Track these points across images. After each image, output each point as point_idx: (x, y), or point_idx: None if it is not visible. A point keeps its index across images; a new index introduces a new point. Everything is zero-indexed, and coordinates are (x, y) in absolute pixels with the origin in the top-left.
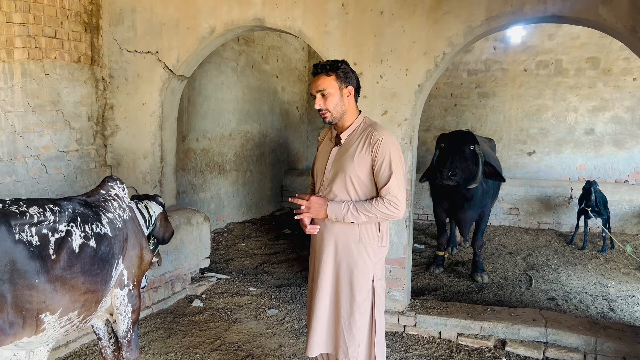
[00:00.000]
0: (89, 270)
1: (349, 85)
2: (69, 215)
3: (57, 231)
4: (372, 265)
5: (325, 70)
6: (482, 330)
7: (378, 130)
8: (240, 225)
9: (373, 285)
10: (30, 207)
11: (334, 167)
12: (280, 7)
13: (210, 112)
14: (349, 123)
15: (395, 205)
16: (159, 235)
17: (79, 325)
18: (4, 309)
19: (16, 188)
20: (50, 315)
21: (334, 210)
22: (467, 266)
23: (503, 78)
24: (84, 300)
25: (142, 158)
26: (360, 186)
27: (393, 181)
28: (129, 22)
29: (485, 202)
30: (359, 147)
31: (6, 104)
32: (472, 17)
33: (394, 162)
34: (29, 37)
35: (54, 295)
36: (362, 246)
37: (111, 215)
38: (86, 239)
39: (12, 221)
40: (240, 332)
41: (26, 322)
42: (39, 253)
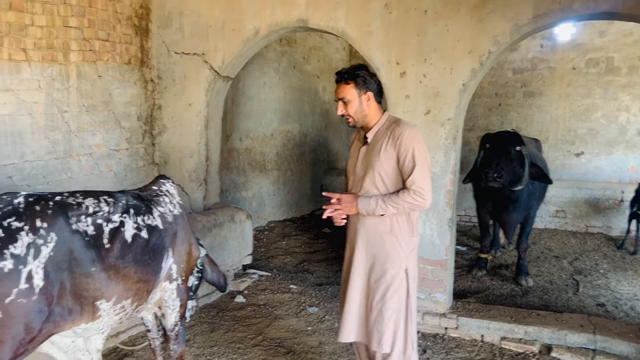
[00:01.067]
0: (140, 260)
1: (368, 91)
2: (122, 206)
3: (111, 221)
4: (404, 256)
5: (344, 79)
6: (527, 334)
7: (400, 126)
8: (281, 223)
9: (406, 275)
10: (86, 198)
11: (363, 165)
12: (324, 8)
13: (253, 112)
14: (373, 123)
15: (421, 195)
16: (214, 280)
17: (132, 314)
18: (64, 296)
19: (70, 184)
20: (105, 303)
21: (364, 205)
22: (510, 269)
23: (550, 77)
24: (136, 289)
25: (188, 157)
26: (388, 180)
27: (417, 172)
28: (176, 25)
29: (531, 204)
30: (384, 143)
31: (62, 104)
32: (519, 15)
33: (417, 154)
34: (83, 40)
35: (109, 283)
36: (393, 237)
37: (162, 209)
38: (138, 229)
39: (69, 212)
40: (281, 329)
41: (84, 309)
42: (94, 242)
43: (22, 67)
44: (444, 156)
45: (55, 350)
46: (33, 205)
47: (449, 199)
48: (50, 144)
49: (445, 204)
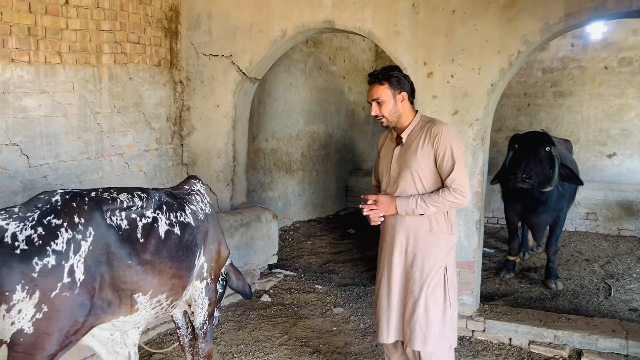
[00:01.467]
0: (174, 256)
1: (402, 91)
2: (155, 202)
3: (145, 217)
4: (444, 255)
5: (378, 79)
6: (556, 338)
7: (437, 125)
8: (306, 223)
9: (445, 273)
10: (120, 193)
11: (397, 165)
12: (350, 9)
13: (279, 113)
14: (407, 123)
15: (461, 193)
16: (239, 288)
17: (167, 309)
18: (104, 289)
19: (102, 184)
20: (142, 296)
21: (403, 206)
22: (539, 272)
23: (581, 76)
24: (171, 284)
25: (216, 157)
26: (425, 179)
27: (457, 170)
28: (205, 27)
29: (561, 206)
30: (420, 143)
31: (95, 106)
32: (549, 14)
33: (455, 152)
34: (115, 43)
35: (145, 277)
36: (433, 236)
37: (194, 208)
38: (171, 226)
39: (104, 207)
40: (307, 329)
41: (122, 302)
42: (128, 236)
43: (57, 70)
44: (472, 157)
45: (95, 342)
46: (70, 202)
47: (477, 200)
48: (83, 144)
49: (473, 206)
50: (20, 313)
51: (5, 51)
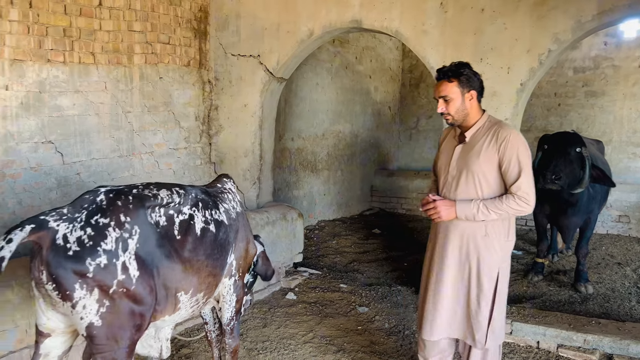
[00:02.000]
0: (210, 254)
1: (471, 90)
2: (192, 199)
3: (182, 213)
4: (498, 259)
5: (447, 76)
6: (586, 343)
7: (505, 129)
8: (331, 223)
9: (497, 277)
10: (160, 189)
11: (458, 164)
12: (378, 8)
13: (305, 113)
14: (472, 122)
15: (526, 201)
16: (262, 272)
17: (201, 307)
18: (156, 286)
19: (132, 182)
20: (184, 295)
21: (464, 211)
22: (569, 275)
23: (614, 76)
24: (208, 283)
25: (243, 156)
26: (485, 183)
27: (523, 178)
28: (233, 28)
29: (592, 208)
30: (484, 145)
31: (126, 105)
32: (582, 11)
33: (522, 159)
34: (146, 44)
35: (186, 276)
36: (488, 240)
37: (227, 206)
38: (206, 223)
39: (147, 204)
40: (332, 327)
41: (168, 300)
42: (166, 233)
43: (91, 70)
44: None
45: None
46: (115, 201)
47: None
48: (115, 142)
49: None
50: (86, 309)
51: (42, 52)
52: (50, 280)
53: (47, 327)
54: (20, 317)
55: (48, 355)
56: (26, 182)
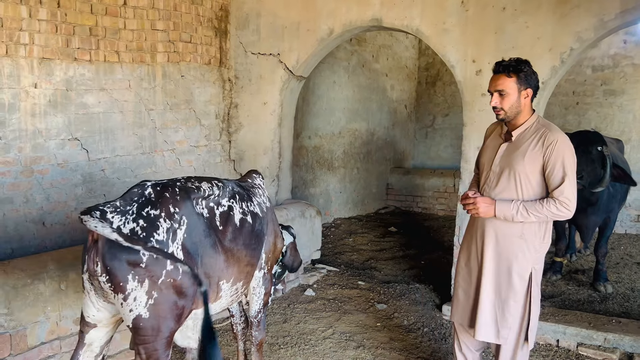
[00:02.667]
0: (248, 243)
1: (528, 88)
2: (229, 192)
3: (221, 205)
4: (532, 260)
5: (507, 71)
6: (606, 341)
7: (553, 132)
8: (347, 220)
9: (530, 278)
10: (201, 182)
11: (501, 162)
12: (398, 7)
13: (322, 111)
14: (522, 121)
15: (567, 207)
16: (289, 263)
17: (239, 296)
18: (199, 275)
19: (155, 178)
20: (225, 283)
21: (503, 211)
22: (587, 274)
23: (634, 74)
24: (246, 272)
25: (262, 154)
26: (526, 184)
27: (567, 183)
28: (253, 26)
29: (612, 207)
30: (530, 146)
31: (149, 103)
32: (605, 10)
33: (567, 165)
34: (169, 42)
35: (228, 265)
36: (523, 242)
37: (259, 200)
38: (244, 214)
39: (192, 195)
40: (351, 323)
41: (211, 288)
42: (210, 224)
43: (115, 68)
44: None
45: None
46: (163, 193)
47: None
48: (138, 139)
49: None
50: (136, 301)
51: (69, 50)
52: (105, 272)
53: (95, 319)
54: (51, 310)
55: (91, 345)
56: (53, 178)
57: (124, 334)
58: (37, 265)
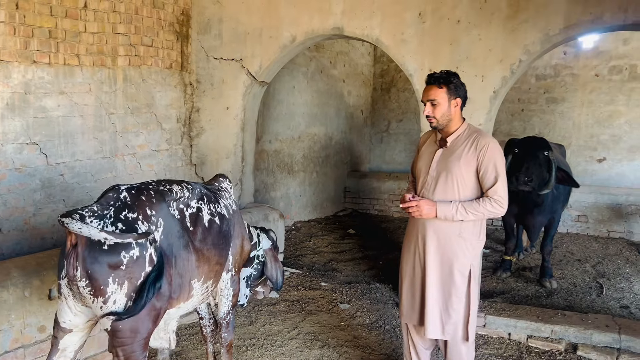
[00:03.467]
0: (217, 243)
1: (457, 97)
2: (198, 193)
3: (190, 207)
4: (470, 257)
5: (439, 82)
6: (553, 333)
7: (484, 137)
8: (307, 223)
9: (469, 274)
10: (172, 185)
11: (438, 167)
12: (359, 17)
13: (283, 115)
14: (454, 129)
15: (501, 204)
16: (272, 276)
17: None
18: (174, 274)
19: (115, 182)
20: (197, 282)
21: (444, 211)
22: (534, 271)
23: (573, 83)
24: (216, 271)
25: (225, 158)
26: (463, 186)
27: (499, 183)
28: (215, 31)
29: (556, 208)
30: (465, 150)
31: (110, 107)
32: (550, 25)
33: (499, 166)
34: (130, 46)
35: (199, 264)
36: (462, 240)
37: (225, 202)
38: (212, 215)
39: (167, 198)
40: (316, 323)
41: (183, 288)
42: (182, 225)
43: (75, 71)
44: None
45: None
46: (138, 196)
47: None
48: (98, 144)
49: None
50: (116, 303)
51: (28, 53)
52: (85, 276)
53: (72, 324)
54: (15, 318)
55: (65, 351)
56: (11, 183)
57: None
58: (0, 272)
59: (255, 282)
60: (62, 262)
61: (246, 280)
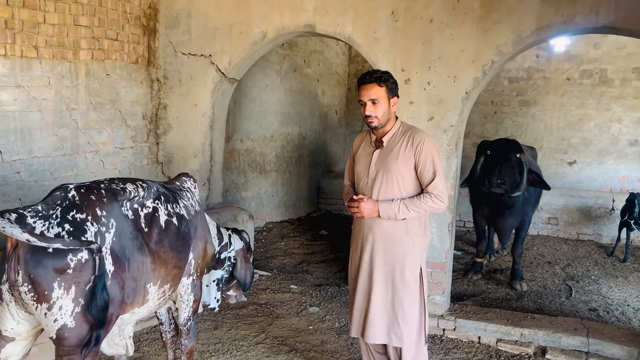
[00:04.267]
0: (175, 245)
1: (395, 96)
2: (154, 193)
3: (145, 206)
4: (418, 255)
5: (378, 81)
6: (522, 337)
7: (419, 133)
8: (279, 224)
9: (420, 274)
10: (125, 183)
11: (377, 167)
12: (331, 14)
13: (254, 114)
14: (389, 128)
15: (441, 199)
16: (241, 277)
17: (167, 300)
18: (127, 278)
19: (76, 181)
20: (153, 286)
21: (386, 210)
22: (505, 274)
23: (545, 86)
24: (174, 274)
25: (192, 157)
26: (403, 183)
27: (438, 178)
28: (184, 26)
29: (526, 210)
30: (402, 149)
31: (71, 102)
32: (523, 26)
33: (436, 161)
34: (93, 39)
35: (155, 267)
36: (409, 238)
37: (186, 203)
38: (169, 216)
39: (119, 197)
40: (283, 328)
41: (137, 292)
42: (136, 226)
43: (33, 64)
44: (446, 162)
45: None
46: (88, 196)
47: (450, 203)
48: (58, 140)
49: (447, 209)
50: (62, 310)
51: None
52: (27, 281)
53: (14, 332)
54: None
55: None
56: None
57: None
58: None
59: (227, 284)
60: (3, 266)
61: (217, 283)
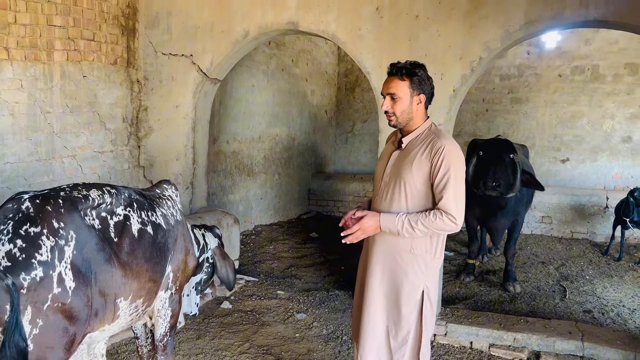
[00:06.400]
0: (149, 257)
1: (421, 93)
2: (125, 199)
3: (115, 214)
4: (422, 277)
5: (401, 73)
6: (515, 341)
7: (441, 138)
8: (268, 227)
9: (422, 296)
10: (89, 190)
11: (392, 172)
12: (314, 11)
13: (241, 115)
14: (414, 128)
15: (453, 220)
16: (224, 277)
17: (140, 316)
18: (94, 294)
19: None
20: (124, 301)
21: (388, 226)
22: (498, 275)
23: (537, 84)
24: (148, 288)
25: (175, 160)
26: (413, 194)
27: (453, 194)
28: (164, 26)
29: (519, 210)
30: (418, 154)
31: (45, 105)
32: (510, 21)
33: (454, 172)
34: (68, 40)
35: (126, 280)
36: (413, 257)
37: (165, 211)
38: (143, 224)
39: (80, 207)
40: (269, 336)
41: (107, 308)
42: (103, 236)
43: (4, 66)
44: None
45: None
46: (44, 207)
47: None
48: (32, 145)
49: None
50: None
51: None
52: None
53: None
54: None
55: None
56: None
57: None
58: None
59: (206, 285)
60: None
61: (196, 287)
